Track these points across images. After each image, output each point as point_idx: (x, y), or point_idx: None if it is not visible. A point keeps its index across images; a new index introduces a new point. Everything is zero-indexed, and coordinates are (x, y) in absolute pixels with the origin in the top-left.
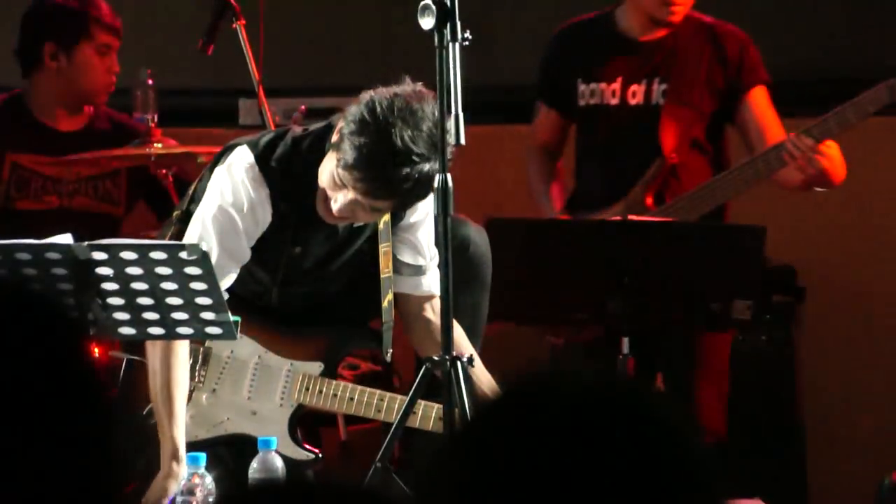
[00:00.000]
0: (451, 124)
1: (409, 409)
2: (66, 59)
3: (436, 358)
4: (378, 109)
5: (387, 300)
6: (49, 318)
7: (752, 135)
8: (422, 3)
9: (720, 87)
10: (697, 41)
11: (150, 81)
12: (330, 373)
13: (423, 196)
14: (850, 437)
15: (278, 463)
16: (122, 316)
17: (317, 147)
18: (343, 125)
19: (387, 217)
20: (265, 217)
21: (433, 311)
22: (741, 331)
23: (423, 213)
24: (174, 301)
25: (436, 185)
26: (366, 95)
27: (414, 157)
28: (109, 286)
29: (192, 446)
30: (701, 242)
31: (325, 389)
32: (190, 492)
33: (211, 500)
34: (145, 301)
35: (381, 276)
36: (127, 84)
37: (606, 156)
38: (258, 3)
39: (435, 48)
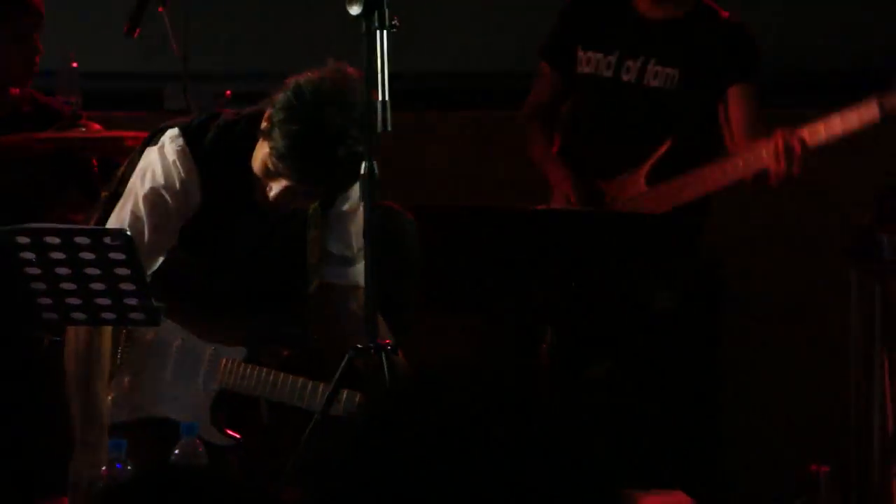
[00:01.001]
0: (378, 111)
1: (332, 398)
2: None
3: (360, 346)
4: (306, 94)
5: (313, 287)
6: None
7: (729, 130)
8: None
9: (716, 78)
10: (703, 30)
11: (75, 65)
12: (253, 358)
13: (356, 179)
14: (770, 424)
15: (200, 449)
16: (44, 300)
17: (249, 133)
18: (272, 112)
19: (316, 203)
20: (194, 199)
21: (358, 305)
22: (663, 322)
23: (354, 202)
24: (97, 286)
25: (362, 172)
26: (292, 81)
27: (348, 140)
28: (33, 271)
29: (115, 429)
30: (624, 230)
31: (248, 374)
32: (112, 478)
33: None
34: (68, 286)
35: (308, 262)
36: (51, 67)
37: (593, 129)
38: None
39: (362, 34)
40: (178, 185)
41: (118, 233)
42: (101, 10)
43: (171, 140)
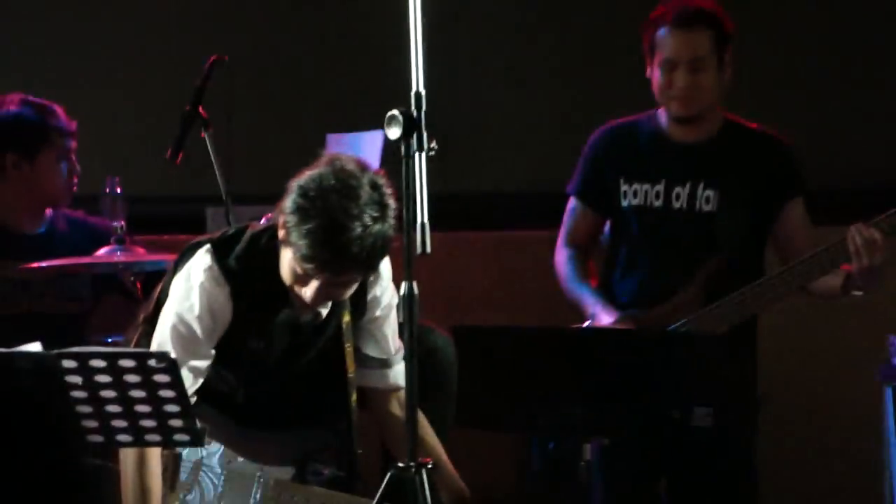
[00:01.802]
0: (418, 233)
1: None
2: (28, 167)
3: (401, 465)
4: (311, 191)
5: (353, 399)
6: None
7: (790, 244)
8: (389, 113)
9: (763, 195)
10: (740, 147)
11: (119, 189)
12: (301, 477)
13: (383, 255)
14: None
15: None
16: (90, 423)
17: (274, 241)
18: (285, 219)
19: (348, 317)
20: (225, 315)
21: (399, 405)
22: (703, 438)
23: (386, 306)
24: (142, 408)
25: (402, 292)
26: (293, 184)
27: (364, 221)
28: (78, 394)
29: None
30: (662, 349)
31: (296, 495)
32: None
33: None
34: (114, 409)
35: (348, 374)
36: (96, 191)
37: (649, 256)
38: (226, 112)
39: (401, 158)
40: (204, 307)
41: (162, 355)
42: (144, 136)
43: (198, 262)
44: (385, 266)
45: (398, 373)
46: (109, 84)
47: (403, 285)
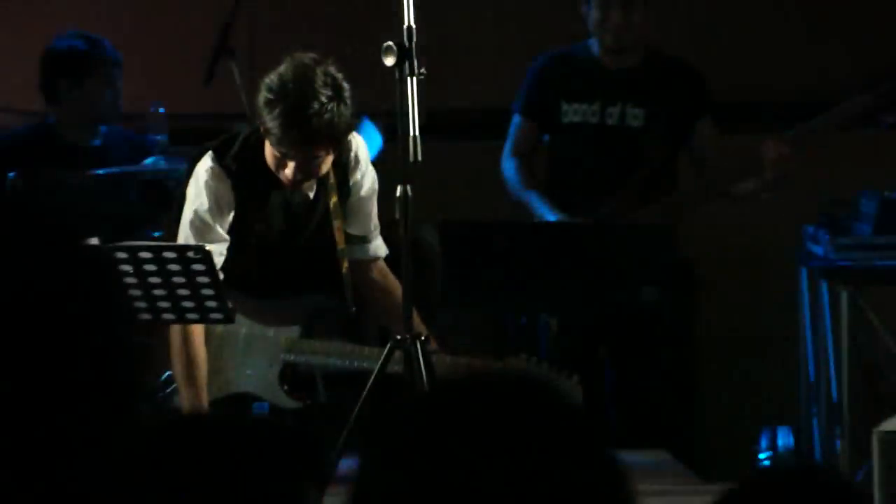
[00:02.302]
0: (410, 144)
1: (378, 378)
2: (78, 91)
3: (399, 337)
4: (274, 85)
5: (344, 267)
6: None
7: (702, 156)
8: (384, 44)
9: (679, 114)
10: (665, 73)
11: (162, 109)
12: (306, 334)
13: (347, 130)
14: (738, 392)
15: None
16: (140, 304)
17: (260, 137)
18: (260, 114)
19: (335, 198)
20: (230, 204)
21: (380, 272)
22: (649, 312)
23: (366, 190)
24: (183, 292)
25: (398, 194)
26: (261, 83)
27: (320, 100)
28: (130, 280)
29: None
30: (616, 238)
31: (304, 348)
32: None
33: None
34: (159, 292)
35: (337, 248)
36: (143, 110)
37: (586, 165)
38: (252, 44)
39: (395, 81)
40: (212, 200)
41: (199, 248)
42: (184, 62)
43: (202, 165)
44: (363, 154)
45: (377, 246)
46: (153, 18)
47: (399, 188)
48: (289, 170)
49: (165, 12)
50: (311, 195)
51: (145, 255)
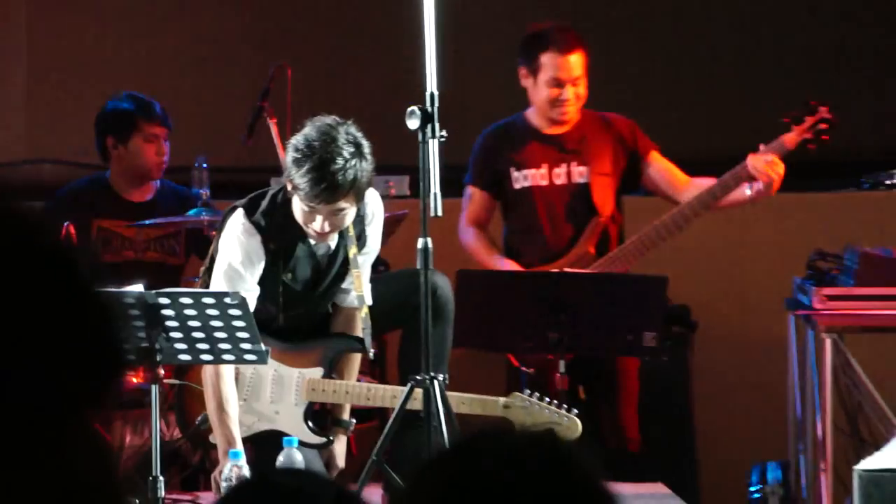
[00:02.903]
0: (431, 201)
1: (398, 416)
2: (123, 148)
3: (418, 377)
4: (301, 145)
5: (363, 312)
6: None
7: (667, 183)
8: (409, 108)
9: (623, 162)
10: (598, 130)
11: (205, 165)
12: (328, 374)
13: (368, 183)
14: (731, 430)
15: (298, 456)
16: (180, 346)
17: (286, 194)
18: (289, 174)
19: (355, 249)
20: (260, 258)
21: (356, 317)
22: (649, 355)
23: (374, 244)
24: (220, 335)
25: (419, 245)
26: (288, 145)
27: (344, 156)
28: (171, 323)
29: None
30: (619, 288)
31: (326, 388)
32: (230, 480)
33: None
34: (198, 335)
35: (355, 293)
36: (187, 163)
37: (542, 224)
38: (287, 105)
39: (419, 143)
40: (243, 254)
41: (235, 294)
42: (228, 121)
43: (234, 221)
44: (378, 210)
45: (364, 296)
46: (201, 81)
47: (420, 240)
48: (317, 223)
49: (212, 76)
50: (333, 245)
51: (186, 300)
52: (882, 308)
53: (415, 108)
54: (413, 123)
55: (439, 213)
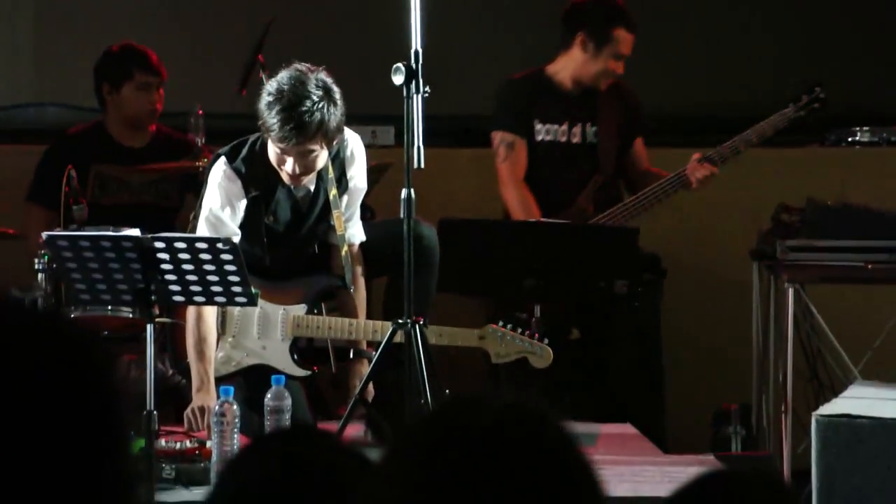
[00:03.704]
0: (415, 153)
1: (381, 358)
2: (116, 94)
3: (400, 321)
4: (272, 90)
5: (343, 250)
6: (79, 344)
7: (635, 169)
8: (394, 65)
9: (624, 130)
10: (612, 96)
11: (200, 112)
12: (311, 311)
13: (337, 127)
14: (697, 374)
15: (286, 393)
16: (175, 287)
17: (263, 140)
18: (261, 116)
19: (335, 191)
20: (241, 202)
21: (352, 255)
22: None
23: (358, 185)
24: (212, 278)
25: (402, 196)
26: (262, 90)
27: (312, 99)
28: (166, 266)
29: (224, 378)
30: (592, 238)
31: (310, 324)
32: (222, 414)
33: (237, 420)
34: (192, 277)
35: (337, 234)
36: (184, 109)
37: (555, 178)
38: (279, 58)
39: (404, 98)
40: (224, 199)
41: (227, 240)
42: (222, 71)
43: (216, 168)
44: (359, 151)
45: (353, 233)
46: (198, 32)
47: (404, 191)
48: (288, 165)
49: (210, 26)
50: (312, 188)
51: (180, 245)
52: (840, 259)
53: (400, 64)
54: (398, 79)
55: (422, 164)
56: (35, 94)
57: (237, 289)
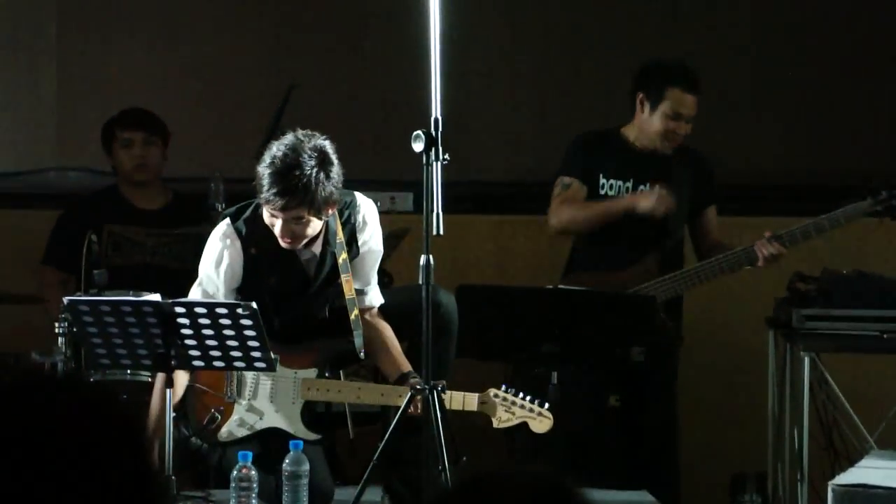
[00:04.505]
0: (434, 220)
1: (398, 423)
2: (110, 156)
3: (418, 387)
4: (268, 155)
5: (353, 315)
6: (118, 420)
7: (705, 238)
8: (414, 133)
9: (693, 196)
10: (682, 161)
11: (220, 177)
12: (322, 375)
13: (327, 195)
14: (713, 441)
15: (304, 458)
16: (194, 353)
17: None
18: (258, 178)
19: (345, 255)
20: (237, 262)
21: (373, 317)
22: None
23: (371, 250)
24: (232, 343)
25: (421, 262)
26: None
27: (303, 166)
28: (186, 331)
29: (241, 442)
30: (610, 306)
31: (320, 388)
32: (241, 479)
33: (255, 486)
34: (211, 342)
35: (346, 298)
36: (204, 175)
37: (610, 234)
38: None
39: (423, 164)
40: (218, 257)
41: (247, 306)
42: (244, 133)
43: (218, 228)
44: (372, 218)
45: (372, 297)
46: (219, 96)
47: (422, 258)
48: (278, 227)
49: (233, 92)
50: (318, 252)
51: (200, 310)
52: (856, 329)
53: (420, 132)
54: (418, 146)
55: (441, 231)
56: (56, 159)
57: (256, 353)
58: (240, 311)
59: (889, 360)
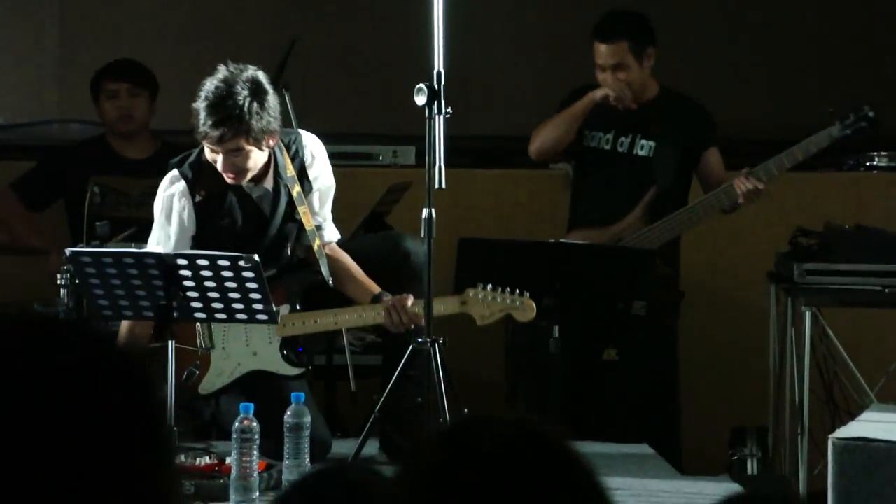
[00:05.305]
0: (436, 173)
1: (401, 375)
2: (97, 107)
3: (419, 339)
4: (205, 87)
5: (316, 245)
6: (127, 369)
7: (710, 183)
8: (417, 86)
9: (687, 145)
10: (673, 109)
11: None
12: (294, 308)
13: (262, 125)
14: (714, 395)
15: (306, 410)
16: (196, 304)
17: None
18: (194, 114)
19: (298, 188)
20: (190, 206)
21: (332, 251)
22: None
23: (324, 186)
24: (234, 295)
25: (423, 215)
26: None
27: (235, 95)
28: (188, 283)
29: (222, 389)
30: (611, 260)
31: (295, 322)
32: (243, 431)
33: (257, 437)
34: (213, 295)
35: (307, 229)
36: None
37: (598, 187)
38: (302, 80)
39: (426, 118)
40: (166, 205)
41: (249, 258)
42: None
43: (166, 178)
44: (319, 153)
45: (330, 233)
46: (219, 49)
47: (425, 210)
48: (219, 162)
49: (233, 46)
50: (270, 188)
51: (202, 262)
52: (857, 283)
53: (422, 85)
54: (421, 100)
55: (443, 184)
56: (59, 111)
57: (258, 306)
58: (242, 262)
59: (890, 315)
